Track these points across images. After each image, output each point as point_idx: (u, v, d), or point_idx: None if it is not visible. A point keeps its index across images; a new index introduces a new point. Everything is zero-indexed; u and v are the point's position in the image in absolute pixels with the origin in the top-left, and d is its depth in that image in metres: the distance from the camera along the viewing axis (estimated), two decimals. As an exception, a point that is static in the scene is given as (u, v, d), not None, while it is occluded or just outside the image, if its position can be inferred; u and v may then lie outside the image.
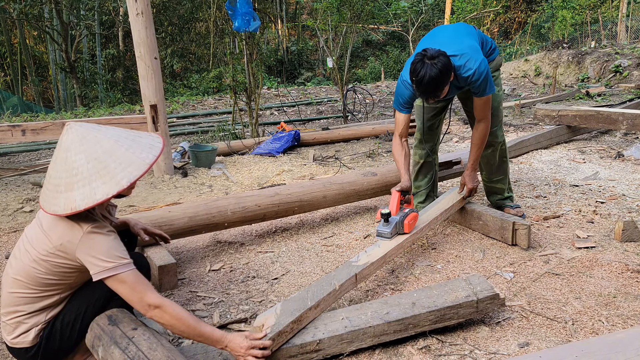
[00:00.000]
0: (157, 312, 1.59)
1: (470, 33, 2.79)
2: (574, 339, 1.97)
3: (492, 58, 2.93)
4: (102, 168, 1.58)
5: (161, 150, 1.69)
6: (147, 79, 4.39)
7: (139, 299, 1.59)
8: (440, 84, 2.43)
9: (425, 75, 2.38)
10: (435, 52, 2.43)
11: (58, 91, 14.70)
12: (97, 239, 1.59)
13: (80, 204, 1.55)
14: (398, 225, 2.48)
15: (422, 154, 3.21)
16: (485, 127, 2.82)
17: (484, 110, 2.77)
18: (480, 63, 2.58)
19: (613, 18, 16.55)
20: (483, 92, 2.68)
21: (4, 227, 3.47)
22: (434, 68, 2.38)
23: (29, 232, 1.72)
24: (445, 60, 2.42)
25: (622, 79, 10.96)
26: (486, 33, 20.12)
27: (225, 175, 4.73)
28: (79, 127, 1.64)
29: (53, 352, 1.73)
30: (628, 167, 4.50)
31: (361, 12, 8.01)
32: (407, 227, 2.48)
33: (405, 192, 2.63)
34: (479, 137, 2.84)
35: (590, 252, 2.74)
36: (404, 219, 2.49)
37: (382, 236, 2.44)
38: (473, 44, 2.68)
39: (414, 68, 2.43)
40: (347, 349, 1.86)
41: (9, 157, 6.50)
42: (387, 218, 2.44)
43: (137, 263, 1.87)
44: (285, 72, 18.12)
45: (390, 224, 2.45)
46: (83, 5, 13.14)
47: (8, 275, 1.69)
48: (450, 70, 2.45)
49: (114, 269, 1.57)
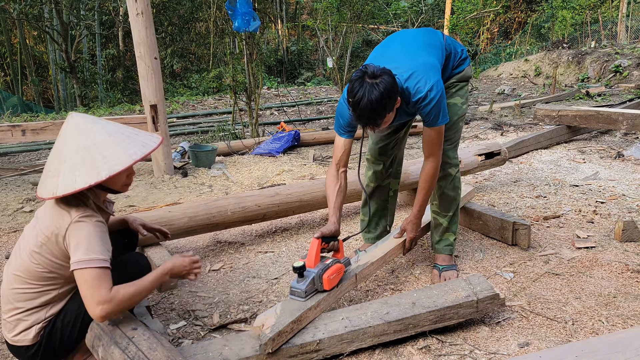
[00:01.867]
0: (107, 306, 1.55)
1: (429, 45, 2.28)
2: (574, 339, 1.97)
3: (461, 69, 2.44)
4: (89, 158, 1.62)
5: (153, 149, 1.71)
6: (147, 79, 4.39)
7: (91, 296, 1.55)
8: (381, 109, 1.95)
9: (362, 98, 1.92)
10: (378, 69, 1.96)
11: (58, 91, 14.70)
12: (85, 228, 1.60)
13: (60, 189, 1.60)
14: (316, 281, 1.95)
15: (371, 177, 2.70)
16: (435, 166, 2.29)
17: (434, 144, 2.25)
18: (433, 85, 2.10)
19: (613, 18, 16.55)
20: (435, 121, 2.17)
21: (4, 227, 3.47)
22: (374, 90, 1.92)
23: (27, 230, 1.75)
24: (389, 81, 1.94)
25: (622, 79, 10.96)
26: (486, 33, 20.18)
27: (225, 175, 4.73)
28: (78, 117, 1.69)
29: (53, 351, 1.73)
30: (628, 167, 4.50)
31: (361, 12, 8.02)
32: (327, 283, 1.96)
33: (330, 239, 2.11)
34: (425, 179, 2.31)
35: (590, 252, 2.74)
36: (323, 272, 1.96)
37: (295, 295, 1.92)
38: (429, 60, 2.19)
39: (352, 87, 1.96)
40: (347, 349, 1.86)
41: (9, 157, 6.50)
42: (302, 272, 1.92)
43: (138, 263, 1.87)
44: (285, 72, 18.11)
45: (305, 279, 1.93)
46: (83, 5, 13.14)
47: (8, 272, 1.72)
48: (394, 94, 1.97)
49: (88, 262, 1.56)
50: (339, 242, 2.17)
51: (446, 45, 2.36)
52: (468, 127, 6.99)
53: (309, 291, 1.93)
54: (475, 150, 3.82)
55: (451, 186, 2.53)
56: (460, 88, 2.45)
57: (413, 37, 2.32)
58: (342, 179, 2.31)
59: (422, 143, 2.31)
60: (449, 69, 2.39)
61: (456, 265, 2.61)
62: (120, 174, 1.68)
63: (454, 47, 2.41)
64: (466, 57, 2.46)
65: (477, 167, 3.80)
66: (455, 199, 2.55)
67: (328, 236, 2.09)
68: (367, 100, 1.91)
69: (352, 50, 8.59)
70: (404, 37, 2.36)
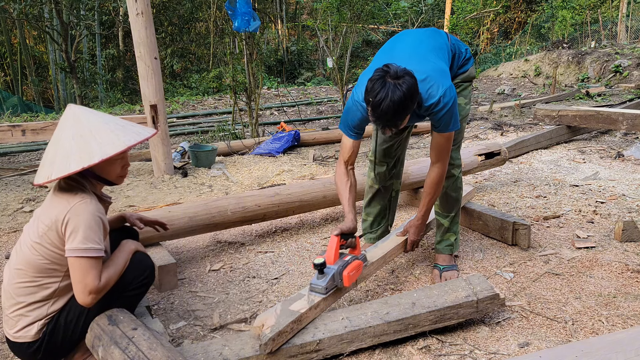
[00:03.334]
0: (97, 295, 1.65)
1: (437, 47, 2.26)
2: (574, 339, 1.97)
3: (465, 69, 2.42)
4: (84, 144, 1.65)
5: (146, 137, 1.77)
6: (147, 79, 4.39)
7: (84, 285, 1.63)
8: (403, 111, 1.90)
9: (385, 98, 1.86)
10: (400, 70, 1.91)
11: (58, 91, 14.70)
12: (83, 214, 1.63)
13: (55, 173, 1.63)
14: (336, 277, 1.98)
15: (374, 178, 2.67)
16: (441, 172, 2.26)
17: (442, 150, 2.22)
18: (447, 91, 2.06)
19: (613, 18, 16.55)
20: (445, 128, 2.14)
21: (4, 227, 3.47)
22: (398, 90, 1.86)
23: (26, 228, 1.77)
24: (412, 83, 1.90)
25: (622, 79, 10.96)
26: (486, 33, 20.17)
27: (225, 175, 4.73)
28: (76, 108, 1.74)
29: (55, 348, 1.73)
30: (628, 167, 4.50)
31: (361, 12, 8.02)
32: (347, 279, 1.98)
33: (348, 235, 2.12)
34: (431, 185, 2.28)
35: (590, 252, 2.74)
36: (344, 269, 1.99)
37: (315, 291, 1.94)
38: (440, 65, 2.16)
39: (372, 87, 1.90)
40: (347, 349, 1.86)
41: (9, 157, 6.50)
42: (322, 269, 1.95)
43: (143, 262, 1.88)
44: (285, 72, 18.10)
45: (325, 275, 1.95)
46: (83, 5, 13.12)
47: (9, 269, 1.73)
48: (415, 96, 1.94)
49: (85, 251, 1.62)
50: (356, 239, 2.18)
51: (451, 46, 2.34)
52: (468, 127, 6.99)
53: (329, 287, 1.95)
54: (475, 150, 3.82)
55: (454, 187, 2.51)
56: (464, 88, 2.44)
57: (420, 40, 2.28)
58: (352, 176, 2.29)
59: (430, 149, 2.27)
60: (453, 69, 2.37)
61: (457, 265, 2.61)
62: (114, 162, 1.74)
63: (458, 48, 2.38)
64: (470, 57, 2.44)
65: (477, 167, 3.80)
66: (457, 200, 2.55)
67: (346, 233, 2.09)
68: (390, 101, 1.86)
69: (352, 50, 8.59)
70: (410, 38, 2.32)
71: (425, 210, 2.39)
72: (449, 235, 2.58)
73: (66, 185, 1.71)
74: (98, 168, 1.73)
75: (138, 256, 1.88)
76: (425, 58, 2.16)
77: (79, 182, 1.72)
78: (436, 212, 2.60)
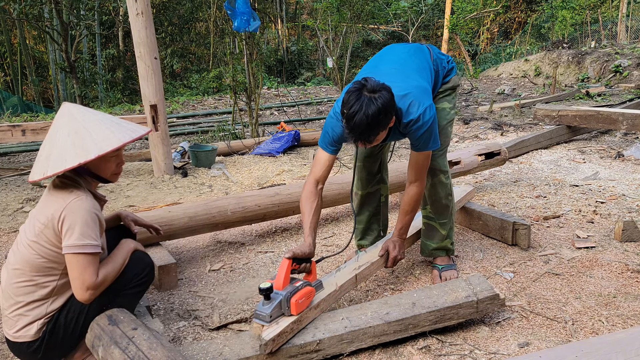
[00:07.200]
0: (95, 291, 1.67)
1: (421, 68, 2.27)
2: (574, 339, 1.97)
3: (448, 79, 2.43)
4: (79, 140, 1.67)
5: (141, 135, 1.78)
6: (147, 79, 4.39)
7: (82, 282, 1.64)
8: (376, 125, 1.89)
9: (359, 112, 1.85)
10: (378, 84, 1.91)
11: (58, 91, 14.69)
12: (79, 211, 1.64)
13: (50, 170, 1.64)
14: (283, 304, 1.79)
15: (358, 184, 2.62)
16: (419, 191, 2.25)
17: (420, 169, 2.21)
18: (426, 110, 2.06)
19: (613, 18, 16.56)
20: (424, 146, 2.14)
21: (4, 227, 3.47)
22: (372, 104, 1.85)
23: (22, 228, 1.77)
24: (388, 97, 1.89)
25: (622, 79, 10.96)
26: (486, 33, 20.18)
27: (225, 175, 4.73)
28: (71, 106, 1.76)
29: (55, 348, 1.73)
30: (628, 167, 4.50)
31: (361, 12, 8.02)
32: (294, 307, 1.79)
33: (302, 260, 1.97)
34: (409, 203, 2.27)
35: (590, 252, 2.74)
36: (292, 295, 1.80)
37: (259, 319, 1.77)
38: (422, 84, 2.17)
39: (348, 99, 1.90)
40: (347, 349, 1.86)
41: (9, 157, 6.50)
42: (268, 294, 1.78)
43: (142, 261, 1.89)
44: (285, 72, 18.11)
45: (272, 301, 1.78)
46: (83, 5, 13.11)
47: (7, 269, 1.73)
48: (391, 112, 1.93)
49: (82, 247, 1.63)
50: (311, 264, 2.02)
51: (433, 63, 2.35)
52: (468, 127, 6.99)
53: (274, 315, 1.78)
54: (475, 150, 3.82)
55: (444, 194, 2.47)
56: (447, 94, 2.44)
57: (404, 60, 2.29)
58: (319, 196, 2.19)
59: (408, 167, 2.24)
60: (438, 84, 2.39)
61: (455, 264, 2.60)
62: (109, 159, 1.75)
63: (440, 63, 2.40)
64: (452, 67, 2.45)
65: (477, 167, 3.80)
66: (448, 206, 2.50)
67: (300, 257, 1.95)
68: (363, 114, 1.85)
69: (352, 50, 8.60)
70: (395, 56, 2.34)
71: (404, 228, 2.36)
72: (446, 242, 2.54)
73: (61, 184, 1.71)
74: (93, 165, 1.74)
75: (137, 254, 1.88)
76: (409, 76, 2.18)
77: (74, 180, 1.73)
78: (430, 219, 2.54)
